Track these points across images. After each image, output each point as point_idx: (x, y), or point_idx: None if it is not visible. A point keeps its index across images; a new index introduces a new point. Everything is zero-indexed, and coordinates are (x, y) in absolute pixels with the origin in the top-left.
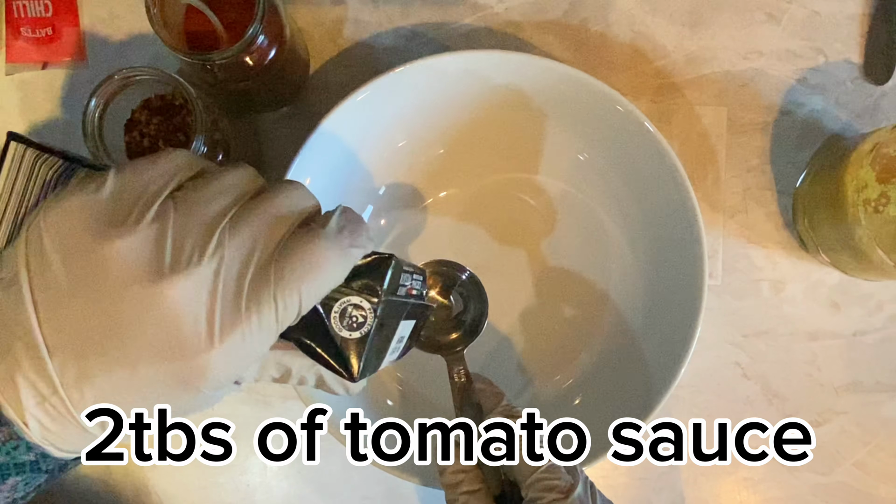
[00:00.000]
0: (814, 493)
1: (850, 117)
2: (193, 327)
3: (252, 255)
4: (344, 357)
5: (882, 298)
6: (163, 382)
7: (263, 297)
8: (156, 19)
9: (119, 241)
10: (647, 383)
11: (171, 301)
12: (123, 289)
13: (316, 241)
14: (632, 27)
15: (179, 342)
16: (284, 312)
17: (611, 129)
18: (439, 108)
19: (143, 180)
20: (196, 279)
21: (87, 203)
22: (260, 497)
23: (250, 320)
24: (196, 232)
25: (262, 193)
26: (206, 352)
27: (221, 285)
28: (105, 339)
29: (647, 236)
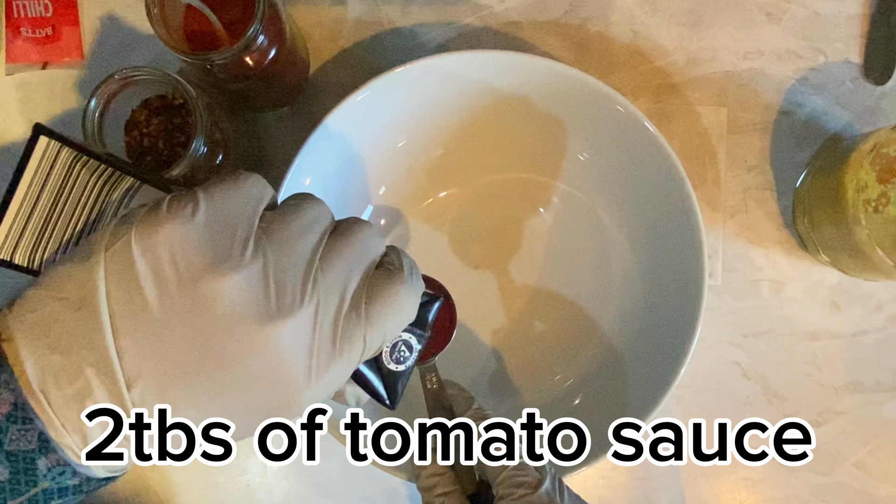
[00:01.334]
0: (814, 493)
1: (850, 117)
2: (295, 369)
3: (344, 296)
4: (388, 387)
5: (882, 298)
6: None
7: (355, 338)
8: (156, 19)
9: (227, 279)
10: (647, 383)
11: (278, 343)
12: (231, 327)
13: (399, 286)
14: (632, 27)
15: (280, 383)
16: (369, 350)
17: (611, 129)
18: (439, 108)
19: (233, 207)
20: (300, 322)
21: (185, 233)
22: (260, 497)
23: (342, 359)
24: (294, 272)
25: (340, 230)
26: (304, 391)
27: (319, 327)
28: (198, 373)
29: (647, 236)
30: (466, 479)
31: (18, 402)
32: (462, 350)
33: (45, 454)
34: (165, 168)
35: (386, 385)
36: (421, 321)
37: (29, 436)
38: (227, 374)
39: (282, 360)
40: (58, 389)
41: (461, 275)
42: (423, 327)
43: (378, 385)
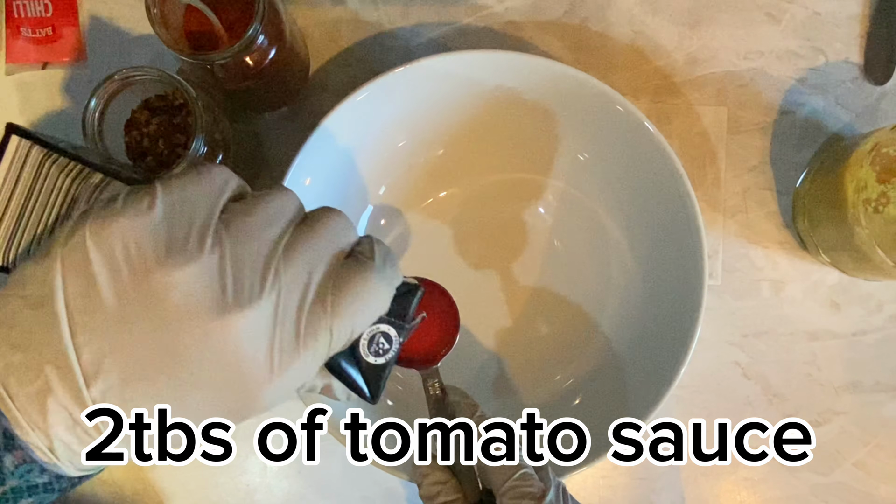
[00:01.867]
0: (814, 493)
1: (850, 117)
2: (254, 362)
3: (308, 287)
4: (367, 380)
5: (882, 298)
6: (209, 411)
7: (320, 331)
8: (156, 19)
9: (181, 271)
10: (647, 383)
11: (234, 336)
12: (186, 320)
13: (368, 276)
14: (632, 27)
15: (240, 377)
16: (336, 343)
17: (611, 129)
18: (439, 108)
19: (192, 200)
20: (258, 314)
21: (140, 226)
22: (260, 497)
23: (307, 352)
24: (253, 263)
25: (307, 221)
26: (264, 386)
27: (280, 319)
28: (157, 368)
29: (647, 236)
30: (469, 487)
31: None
32: (461, 350)
33: (12, 451)
34: (165, 168)
35: (366, 379)
36: (400, 312)
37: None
38: (185, 369)
39: (240, 353)
40: (20, 387)
41: (461, 275)
42: (402, 318)
43: (357, 378)
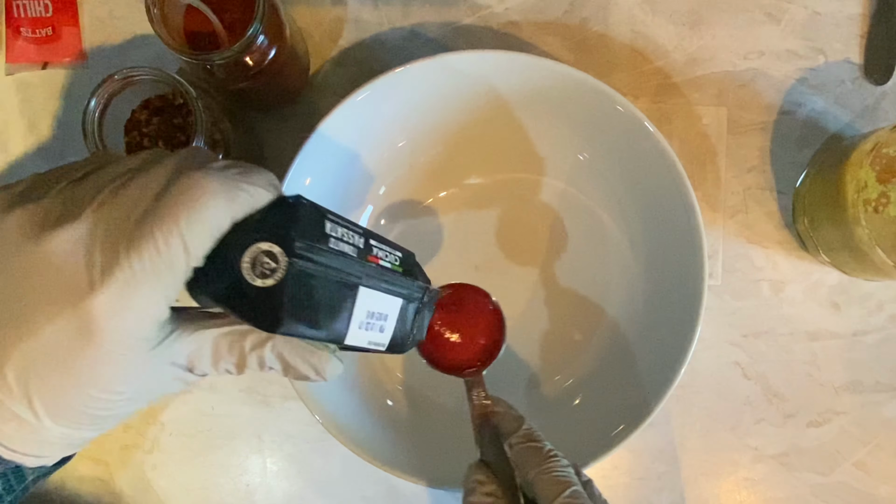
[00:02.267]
0: (814, 493)
1: (850, 117)
2: (73, 273)
3: (135, 205)
4: (260, 308)
5: (882, 298)
6: (65, 340)
7: (142, 237)
8: (156, 19)
9: (16, 211)
10: (648, 383)
11: (51, 254)
12: (12, 254)
13: (194, 174)
14: (632, 27)
15: (64, 291)
16: (167, 250)
17: (611, 129)
18: (439, 108)
19: (59, 172)
20: (74, 231)
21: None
22: (260, 497)
23: (130, 261)
24: (85, 193)
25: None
26: (88, 294)
27: (101, 234)
28: (9, 306)
29: (647, 236)
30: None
31: None
32: None
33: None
34: None
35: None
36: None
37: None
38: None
39: (56, 267)
40: None
41: (461, 275)
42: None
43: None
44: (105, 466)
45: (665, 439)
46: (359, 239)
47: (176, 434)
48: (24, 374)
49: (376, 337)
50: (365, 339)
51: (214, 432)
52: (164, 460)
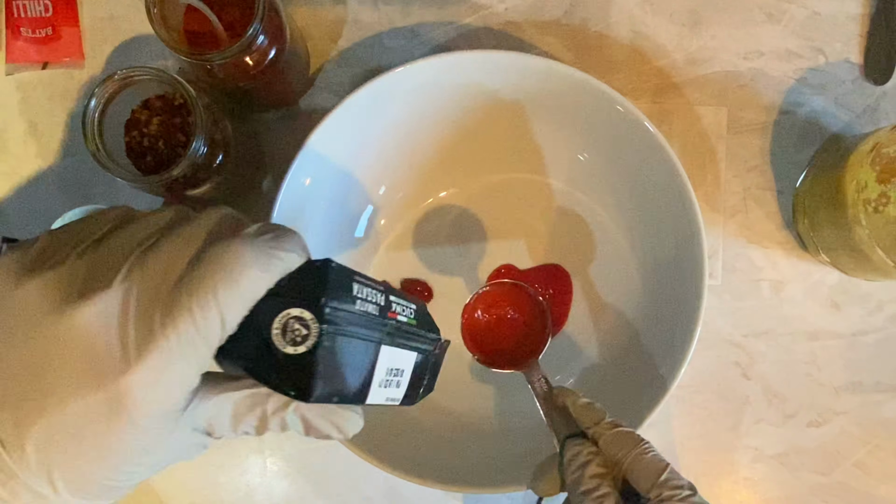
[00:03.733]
0: (814, 493)
1: (850, 117)
2: (107, 350)
3: (167, 274)
4: (291, 376)
5: (882, 298)
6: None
7: (178, 310)
8: (156, 19)
9: (34, 280)
10: (648, 383)
11: (80, 327)
12: (35, 325)
13: (230, 244)
14: (632, 27)
15: (95, 367)
16: (204, 323)
17: (611, 129)
18: (439, 107)
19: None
20: (105, 303)
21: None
22: (260, 497)
23: (167, 336)
24: (110, 260)
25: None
26: (124, 373)
27: (133, 306)
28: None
29: (647, 236)
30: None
31: None
32: (461, 350)
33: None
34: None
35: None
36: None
37: None
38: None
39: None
40: None
41: (461, 275)
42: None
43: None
44: None
45: (665, 439)
46: (381, 297)
47: None
48: (45, 450)
49: (393, 393)
50: (383, 396)
51: None
52: None
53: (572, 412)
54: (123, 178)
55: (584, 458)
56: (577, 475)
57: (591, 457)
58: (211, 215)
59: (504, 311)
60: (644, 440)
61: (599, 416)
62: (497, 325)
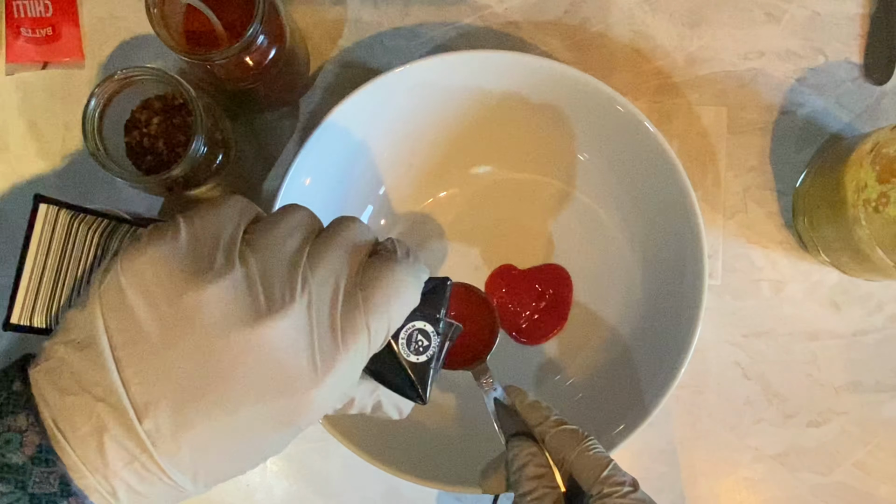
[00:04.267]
0: (814, 493)
1: (850, 117)
2: (297, 366)
3: (338, 286)
4: (413, 381)
5: (882, 298)
6: (264, 423)
7: (357, 327)
8: (156, 19)
9: (211, 287)
10: (648, 383)
11: (273, 341)
12: (223, 334)
13: (395, 267)
14: (632, 27)
15: (286, 381)
16: (375, 338)
17: (611, 129)
18: (439, 107)
19: (214, 226)
20: (293, 317)
21: (167, 253)
22: (260, 497)
23: (347, 350)
24: (280, 273)
25: (326, 229)
26: (314, 386)
27: (316, 321)
28: (205, 386)
29: (647, 236)
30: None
31: (43, 445)
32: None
33: (67, 497)
34: (165, 168)
35: (409, 379)
36: (433, 308)
37: (52, 479)
38: (232, 383)
39: (281, 357)
40: (73, 430)
41: (461, 275)
42: (436, 312)
43: (402, 381)
44: None
45: (665, 439)
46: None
47: None
48: (200, 451)
49: None
50: None
51: None
52: None
53: (519, 411)
54: (123, 178)
55: (523, 460)
56: (516, 476)
57: (529, 458)
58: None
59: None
60: (588, 437)
61: (545, 414)
62: None
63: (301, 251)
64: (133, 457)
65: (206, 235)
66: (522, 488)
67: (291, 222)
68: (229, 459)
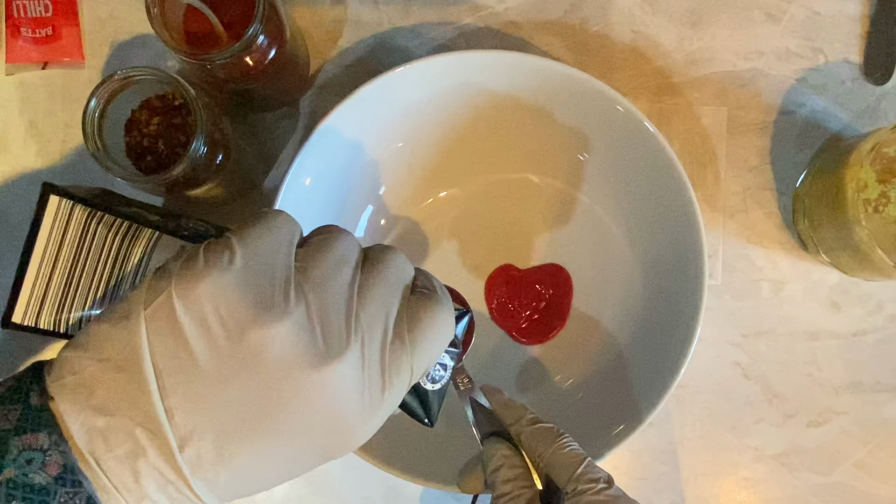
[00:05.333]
0: (814, 493)
1: (850, 117)
2: (350, 407)
3: (387, 328)
4: (426, 407)
5: (882, 298)
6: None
7: (403, 368)
8: (156, 19)
9: (274, 326)
10: (648, 383)
11: (333, 385)
12: (285, 375)
13: (437, 308)
14: (632, 27)
15: (339, 423)
16: (416, 377)
17: (611, 129)
18: (439, 108)
19: (269, 251)
20: (350, 361)
21: (227, 282)
22: (260, 497)
23: (393, 390)
24: (336, 310)
25: (370, 261)
26: (361, 427)
27: (368, 363)
28: (257, 421)
29: (648, 236)
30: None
31: (68, 465)
32: None
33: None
34: (165, 168)
35: (424, 405)
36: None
37: (77, 499)
38: (284, 422)
39: (337, 401)
40: (108, 451)
41: (461, 275)
42: (455, 345)
43: (417, 406)
44: None
45: (665, 439)
46: None
47: None
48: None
49: None
50: None
51: None
52: None
53: (494, 410)
54: (123, 178)
55: (498, 462)
56: (492, 479)
57: (503, 460)
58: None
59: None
60: (563, 434)
61: (520, 413)
62: None
63: (353, 285)
64: (168, 481)
65: (262, 260)
66: (498, 490)
67: (340, 249)
68: (260, 483)
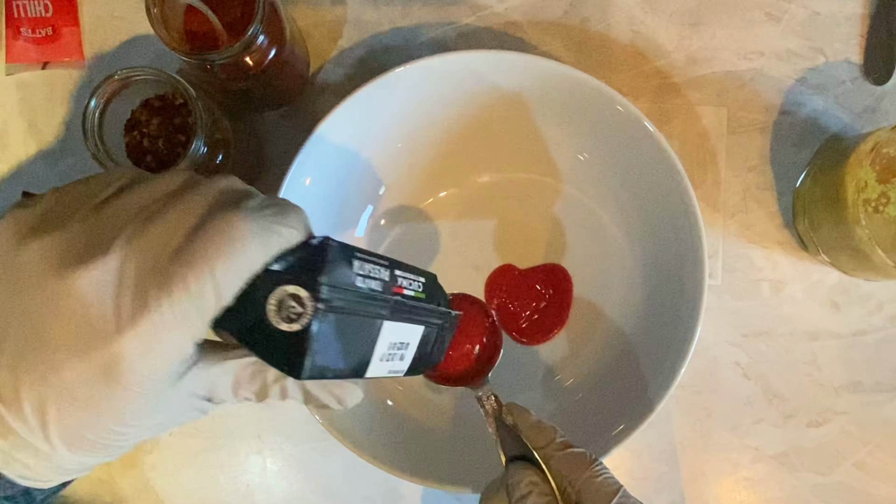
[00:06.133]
0: (814, 493)
1: (850, 117)
2: (100, 314)
3: (166, 243)
4: (284, 352)
5: (882, 298)
6: (87, 378)
7: (174, 281)
8: (156, 19)
9: (33, 243)
10: (648, 383)
11: (76, 293)
12: (35, 287)
13: (228, 216)
14: (632, 27)
15: (88, 330)
16: (199, 295)
17: (611, 129)
18: (439, 108)
19: (81, 192)
20: (102, 270)
21: (15, 217)
22: (260, 497)
23: (160, 305)
24: (110, 229)
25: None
26: (115, 337)
27: (130, 273)
28: (27, 343)
29: (647, 236)
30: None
31: None
32: None
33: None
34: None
35: (283, 350)
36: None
37: None
38: (46, 335)
39: (82, 306)
40: None
41: (461, 275)
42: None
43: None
44: (105, 466)
45: (665, 439)
46: (384, 272)
47: (176, 434)
48: (40, 408)
49: (396, 366)
50: (385, 369)
51: (214, 432)
52: (164, 460)
53: (522, 432)
54: None
55: (525, 489)
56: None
57: (531, 487)
58: (215, 184)
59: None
60: (597, 461)
61: (549, 436)
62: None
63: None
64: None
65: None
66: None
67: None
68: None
